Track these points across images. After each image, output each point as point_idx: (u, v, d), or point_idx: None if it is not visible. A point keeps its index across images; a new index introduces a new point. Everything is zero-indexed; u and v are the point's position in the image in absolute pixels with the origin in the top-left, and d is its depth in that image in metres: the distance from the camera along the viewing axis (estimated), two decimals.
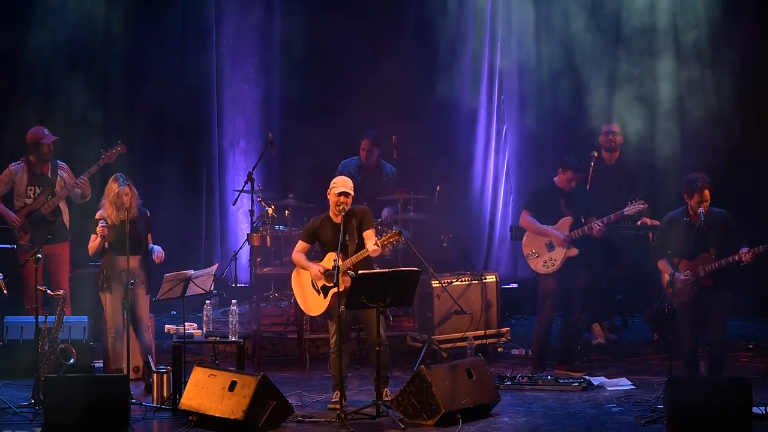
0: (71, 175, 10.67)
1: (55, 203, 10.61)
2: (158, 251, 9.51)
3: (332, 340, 9.00)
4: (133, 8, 12.62)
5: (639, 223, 10.56)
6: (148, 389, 9.30)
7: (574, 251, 9.99)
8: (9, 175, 10.66)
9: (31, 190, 10.63)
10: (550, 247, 10.04)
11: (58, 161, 10.72)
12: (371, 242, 8.91)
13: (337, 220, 8.92)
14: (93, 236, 9.42)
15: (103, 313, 10.09)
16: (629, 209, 10.04)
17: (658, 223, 10.37)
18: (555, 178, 10.12)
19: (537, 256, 10.07)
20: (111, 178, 9.45)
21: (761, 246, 8.91)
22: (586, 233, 9.97)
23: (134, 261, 9.39)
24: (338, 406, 8.68)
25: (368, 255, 8.89)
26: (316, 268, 9.01)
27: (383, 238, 8.91)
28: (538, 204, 10.13)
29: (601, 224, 9.94)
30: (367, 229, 9.02)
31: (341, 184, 8.97)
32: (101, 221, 9.30)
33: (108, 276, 9.41)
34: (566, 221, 10.04)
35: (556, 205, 10.06)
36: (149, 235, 9.61)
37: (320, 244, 9.09)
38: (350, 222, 8.98)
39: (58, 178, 10.64)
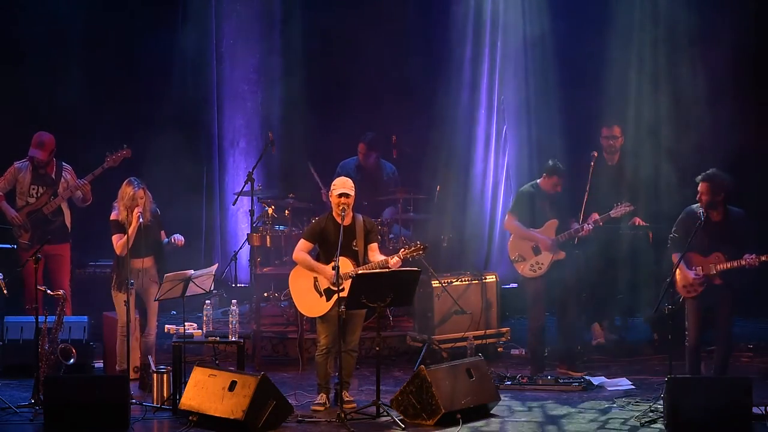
0: (74, 176, 10.67)
1: (57, 203, 10.61)
2: (178, 237, 9.63)
3: (321, 342, 9.01)
4: (133, 9, 12.63)
5: (629, 223, 10.54)
6: (147, 388, 9.30)
7: (561, 254, 9.98)
8: (13, 173, 10.66)
9: (34, 189, 10.63)
10: (537, 251, 10.03)
11: (63, 163, 10.72)
12: (376, 252, 8.90)
13: (341, 221, 8.87)
14: (117, 236, 9.45)
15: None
16: (615, 211, 10.05)
17: (648, 224, 10.40)
18: (539, 181, 10.10)
19: (523, 260, 10.05)
20: (125, 182, 9.52)
21: None
22: (573, 236, 9.97)
23: (149, 262, 9.62)
24: (321, 408, 8.83)
25: (386, 265, 8.79)
26: (329, 270, 8.92)
27: (407, 250, 8.90)
28: (523, 207, 10.10)
29: (590, 226, 9.95)
30: (373, 243, 9.01)
31: (341, 185, 8.92)
32: (138, 208, 9.36)
33: (124, 276, 9.42)
34: (552, 224, 10.03)
35: (541, 209, 10.04)
36: (162, 232, 9.74)
37: (326, 245, 9.00)
38: (360, 229, 8.96)
39: (62, 179, 10.65)
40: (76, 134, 11.92)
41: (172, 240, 9.67)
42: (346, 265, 8.80)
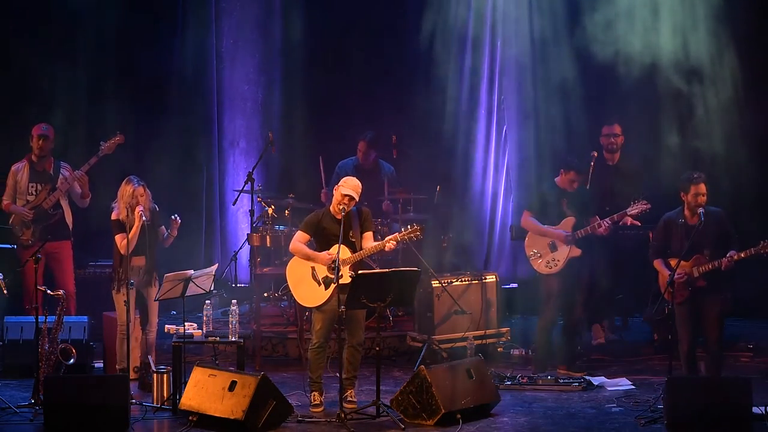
0: (73, 174, 10.66)
1: (56, 198, 10.60)
2: (175, 217, 9.59)
3: (315, 335, 8.98)
4: (132, 8, 12.63)
5: (621, 222, 10.53)
6: (147, 388, 9.30)
7: (577, 251, 9.98)
8: (12, 177, 10.67)
9: (32, 186, 10.64)
10: (553, 247, 10.02)
11: (61, 161, 10.73)
12: (371, 241, 8.92)
13: (339, 216, 8.88)
14: (120, 235, 9.46)
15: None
16: (632, 209, 10.01)
17: (639, 223, 10.39)
18: (556, 179, 10.11)
19: (539, 257, 10.05)
20: (124, 181, 9.54)
21: (751, 249, 8.87)
22: (590, 233, 9.96)
23: (149, 260, 9.62)
24: (319, 410, 8.82)
25: (382, 249, 8.83)
26: (325, 255, 8.94)
27: (404, 232, 8.86)
28: (540, 205, 10.11)
29: (607, 223, 9.94)
30: (367, 231, 9.02)
31: (350, 187, 8.90)
32: (139, 207, 9.35)
33: (125, 276, 9.42)
34: (569, 221, 10.03)
35: (558, 206, 10.04)
36: (161, 228, 9.74)
37: (323, 236, 9.00)
38: (355, 219, 8.97)
39: (60, 176, 10.65)
40: (76, 134, 11.91)
41: (171, 222, 9.61)
42: (343, 252, 8.81)
